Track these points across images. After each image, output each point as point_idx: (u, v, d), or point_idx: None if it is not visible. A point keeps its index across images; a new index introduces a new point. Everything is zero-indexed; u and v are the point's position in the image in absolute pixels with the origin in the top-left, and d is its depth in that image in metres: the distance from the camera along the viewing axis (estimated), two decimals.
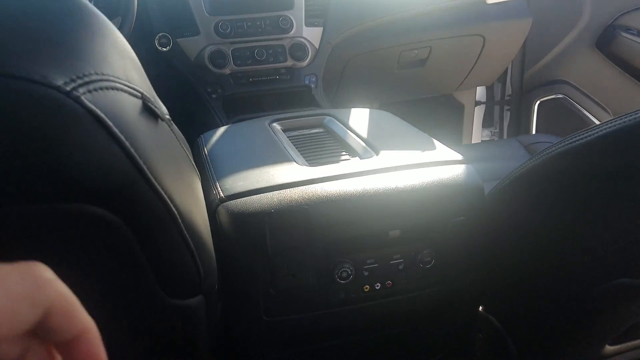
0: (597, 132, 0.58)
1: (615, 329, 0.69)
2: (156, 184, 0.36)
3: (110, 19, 1.19)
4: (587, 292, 0.64)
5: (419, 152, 0.79)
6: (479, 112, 2.16)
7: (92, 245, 0.35)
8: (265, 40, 1.44)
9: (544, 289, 0.72)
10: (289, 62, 1.46)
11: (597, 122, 1.83)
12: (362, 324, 0.75)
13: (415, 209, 0.69)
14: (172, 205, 0.38)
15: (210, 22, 1.38)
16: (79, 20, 0.37)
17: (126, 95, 0.36)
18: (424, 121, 2.26)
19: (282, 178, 0.69)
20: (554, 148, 0.64)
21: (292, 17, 1.44)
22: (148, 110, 0.39)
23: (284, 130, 0.96)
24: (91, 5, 0.39)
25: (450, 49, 1.72)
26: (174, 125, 0.48)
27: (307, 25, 1.47)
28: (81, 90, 0.31)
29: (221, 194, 0.67)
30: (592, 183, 0.59)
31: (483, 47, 1.72)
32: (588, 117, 1.89)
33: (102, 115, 0.32)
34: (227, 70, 1.41)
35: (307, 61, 1.48)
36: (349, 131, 0.91)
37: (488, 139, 2.22)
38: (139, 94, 0.38)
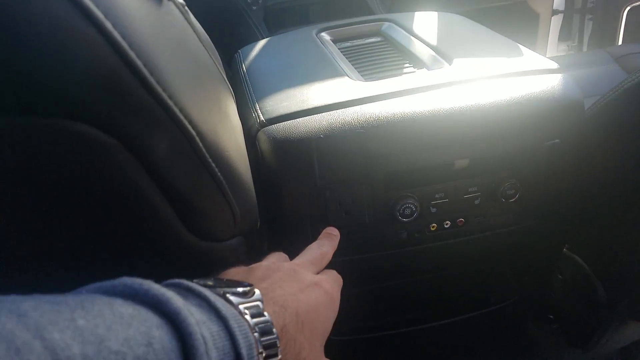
0: None
1: None
2: (158, 87, 0.26)
3: None
4: None
5: (502, 59, 0.65)
6: (555, 23, 1.91)
7: (89, 176, 0.26)
8: None
9: (638, 227, 0.60)
10: None
11: None
12: (427, 266, 0.65)
13: (498, 130, 0.56)
14: (184, 120, 0.28)
15: None
16: None
17: None
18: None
19: (333, 97, 0.58)
20: None
21: None
22: None
23: (335, 41, 0.84)
24: None
25: None
26: (191, 15, 0.36)
27: None
28: None
29: (261, 117, 0.57)
30: None
31: None
32: None
33: None
34: None
35: None
36: (413, 38, 0.77)
37: (565, 53, 1.98)
38: None
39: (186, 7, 0.36)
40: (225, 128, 0.38)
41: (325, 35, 0.85)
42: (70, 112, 0.23)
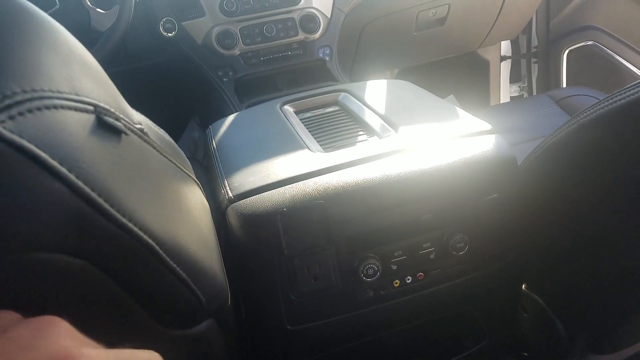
0: (632, 94, 0.51)
1: None
2: (119, 216, 0.30)
3: (108, 8, 1.15)
4: (635, 269, 0.58)
5: (441, 124, 0.73)
6: (505, 68, 2.05)
7: (65, 292, 0.30)
8: (273, 14, 1.36)
9: (588, 266, 0.66)
10: (301, 36, 1.39)
11: (632, 68, 1.72)
12: (396, 319, 0.70)
13: (442, 190, 0.63)
14: (146, 236, 0.33)
15: (214, 1, 1.31)
16: (2, 20, 0.30)
17: (71, 113, 0.29)
18: (449, 82, 2.18)
19: (295, 169, 0.64)
20: (586, 114, 0.57)
21: None
22: (105, 126, 0.32)
23: (297, 112, 0.91)
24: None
25: (470, 4, 1.62)
26: (148, 136, 0.41)
27: None
28: None
29: (230, 193, 0.63)
30: (630, 151, 0.52)
31: None
32: (621, 63, 1.76)
33: (33, 147, 0.25)
34: (236, 51, 1.35)
35: (319, 33, 1.40)
36: (365, 107, 0.85)
37: (517, 94, 2.11)
38: (90, 108, 0.32)
39: (145, 130, 0.41)
40: (187, 228, 0.43)
41: (288, 108, 0.92)
42: (45, 247, 0.27)
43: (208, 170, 0.80)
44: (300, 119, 0.87)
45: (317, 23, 1.39)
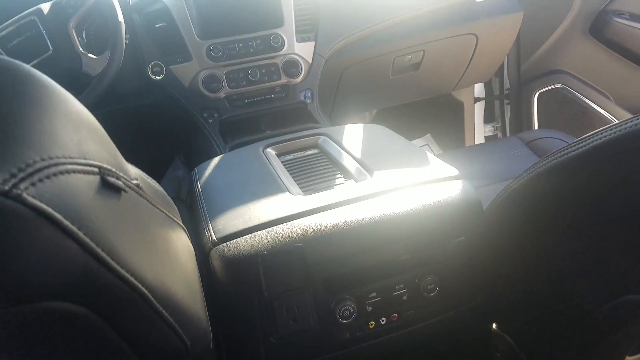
0: (586, 145, 0.56)
1: (631, 344, 0.67)
2: (119, 268, 0.34)
3: (99, 53, 1.20)
4: (594, 310, 0.62)
5: (413, 169, 0.78)
6: (479, 108, 2.14)
7: (65, 337, 0.34)
8: (258, 60, 1.42)
9: (551, 306, 0.71)
10: (283, 80, 1.45)
11: (599, 110, 1.82)
12: None
13: (413, 233, 0.67)
14: (140, 285, 0.37)
15: (201, 47, 1.37)
16: (23, 94, 0.34)
17: (80, 176, 0.34)
18: (426, 122, 2.26)
19: (276, 212, 0.69)
20: (542, 163, 0.62)
21: (283, 35, 1.43)
22: (108, 185, 0.37)
23: (279, 155, 0.96)
24: (37, 73, 0.36)
25: (443, 50, 1.71)
26: (142, 189, 0.45)
27: (298, 41, 1.46)
28: (23, 185, 0.28)
29: (213, 236, 0.66)
30: (584, 199, 0.58)
31: (476, 45, 1.71)
32: (589, 105, 1.86)
33: (50, 210, 0.29)
34: (221, 94, 1.41)
35: (301, 77, 1.47)
36: (343, 151, 0.90)
37: (491, 134, 2.20)
38: (96, 169, 0.36)
39: (140, 185, 0.45)
40: (175, 274, 0.46)
41: (270, 151, 0.97)
42: (55, 296, 0.31)
43: (192, 211, 0.83)
44: (281, 162, 0.91)
45: (299, 68, 1.45)
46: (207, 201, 0.79)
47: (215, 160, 0.97)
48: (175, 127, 1.62)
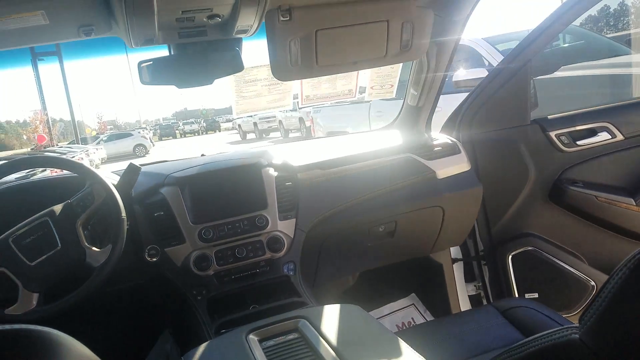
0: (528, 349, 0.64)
1: None
2: None
3: (102, 246, 1.31)
4: None
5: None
6: (458, 269, 2.24)
7: None
8: (244, 238, 1.55)
9: None
10: (268, 255, 1.56)
11: (573, 271, 1.91)
12: None
13: None
14: None
15: (194, 230, 1.50)
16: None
17: None
18: (408, 282, 2.34)
19: None
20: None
21: (267, 215, 1.57)
22: None
23: (261, 341, 1.02)
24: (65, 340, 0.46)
25: (413, 220, 1.86)
26: None
27: (280, 219, 1.60)
28: None
29: None
30: None
31: (444, 215, 1.86)
32: (562, 266, 1.97)
33: None
34: (210, 272, 1.51)
35: (284, 251, 1.58)
36: (321, 339, 0.97)
37: (474, 293, 2.26)
38: None
39: None
40: None
41: (253, 337, 1.03)
42: None
43: None
44: (263, 349, 0.98)
45: (281, 243, 1.57)
46: None
47: (202, 348, 1.03)
48: (165, 303, 1.68)
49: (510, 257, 2.05)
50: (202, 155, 1.89)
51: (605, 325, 0.61)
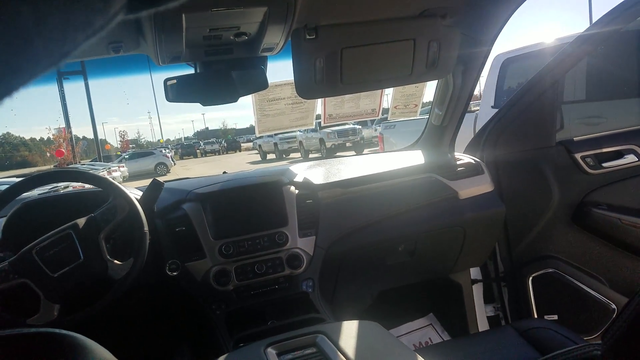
0: None
1: None
2: None
3: (123, 259, 1.33)
4: None
5: None
6: (478, 290, 2.21)
7: None
8: (264, 255, 1.57)
9: None
10: (287, 271, 1.57)
11: (594, 294, 1.88)
12: None
13: None
14: None
15: (215, 246, 1.52)
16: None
17: None
18: (426, 303, 2.33)
19: None
20: None
21: (287, 232, 1.59)
22: None
23: (279, 354, 1.03)
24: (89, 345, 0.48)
25: (434, 241, 1.85)
26: None
27: (300, 237, 1.61)
28: None
29: None
30: None
31: (465, 236, 1.85)
32: (583, 289, 1.94)
33: None
34: (230, 287, 1.52)
35: (303, 268, 1.59)
36: (339, 354, 0.97)
37: (492, 314, 2.23)
38: None
39: None
40: None
41: (271, 351, 1.04)
42: None
43: None
44: None
45: (301, 260, 1.58)
46: None
47: None
48: (184, 317, 1.70)
49: (530, 278, 2.03)
50: (224, 172, 1.92)
51: (628, 342, 0.61)
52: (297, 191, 1.66)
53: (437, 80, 1.79)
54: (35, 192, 2.19)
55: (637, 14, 1.58)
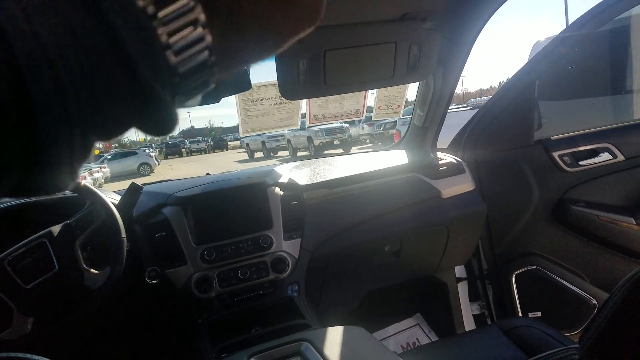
0: None
1: None
2: None
3: (100, 268, 1.27)
4: None
5: None
6: (463, 288, 2.23)
7: None
8: (248, 259, 1.54)
9: None
10: (272, 276, 1.55)
11: (575, 290, 1.91)
12: None
13: None
14: None
15: (196, 251, 1.49)
16: None
17: None
18: (413, 302, 2.34)
19: None
20: None
21: (272, 235, 1.56)
22: None
23: None
24: None
25: (418, 240, 1.86)
26: None
27: (285, 239, 1.59)
28: None
29: None
30: None
31: (448, 234, 1.87)
32: (565, 285, 1.97)
33: None
34: (212, 294, 1.48)
35: (288, 272, 1.57)
36: None
37: (478, 312, 2.25)
38: None
39: None
40: None
41: None
42: None
43: None
44: None
45: (286, 264, 1.56)
46: None
47: None
48: (165, 326, 1.67)
49: (513, 276, 2.06)
50: (207, 174, 1.89)
51: (603, 346, 0.62)
52: (282, 193, 1.64)
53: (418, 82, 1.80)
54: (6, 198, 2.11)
55: (610, 16, 1.61)
